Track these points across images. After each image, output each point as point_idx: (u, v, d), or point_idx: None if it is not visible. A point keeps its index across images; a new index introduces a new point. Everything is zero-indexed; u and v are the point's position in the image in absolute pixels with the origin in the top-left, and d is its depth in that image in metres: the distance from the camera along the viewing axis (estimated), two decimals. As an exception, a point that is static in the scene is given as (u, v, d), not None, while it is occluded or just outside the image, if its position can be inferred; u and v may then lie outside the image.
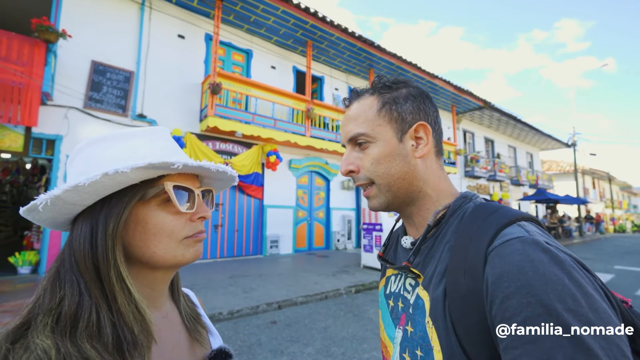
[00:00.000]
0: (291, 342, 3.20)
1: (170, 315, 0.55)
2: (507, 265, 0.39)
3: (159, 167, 0.44)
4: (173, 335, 0.53)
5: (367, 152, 0.57)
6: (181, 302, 0.59)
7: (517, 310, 0.36)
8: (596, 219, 22.60)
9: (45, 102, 5.30)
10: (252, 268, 6.41)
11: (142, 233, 0.46)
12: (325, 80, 9.92)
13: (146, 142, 0.49)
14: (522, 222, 0.45)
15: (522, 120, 15.58)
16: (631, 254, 11.11)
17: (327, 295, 4.80)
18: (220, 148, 7.42)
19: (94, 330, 0.39)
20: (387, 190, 0.56)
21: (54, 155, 5.47)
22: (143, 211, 0.46)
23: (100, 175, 0.41)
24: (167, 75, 6.86)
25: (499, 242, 0.42)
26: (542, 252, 0.39)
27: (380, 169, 0.55)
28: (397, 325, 0.57)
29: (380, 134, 0.56)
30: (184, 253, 0.49)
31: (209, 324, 0.63)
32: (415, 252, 0.54)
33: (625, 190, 37.30)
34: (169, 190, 0.46)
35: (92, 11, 6.06)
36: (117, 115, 6.15)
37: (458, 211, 0.54)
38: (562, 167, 26.09)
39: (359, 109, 0.58)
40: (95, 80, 5.94)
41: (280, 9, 7.29)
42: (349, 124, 0.59)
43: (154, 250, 0.47)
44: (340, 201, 9.89)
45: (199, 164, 0.48)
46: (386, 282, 0.67)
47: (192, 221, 0.50)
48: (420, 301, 0.51)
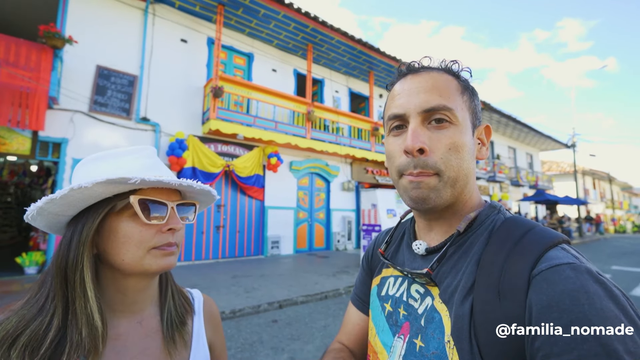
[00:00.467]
0: (292, 340, 3.31)
1: (149, 321, 0.57)
2: (557, 294, 0.35)
3: (117, 182, 0.47)
4: (143, 342, 0.54)
5: (446, 133, 0.48)
6: (167, 307, 0.59)
7: (570, 347, 0.33)
8: (596, 219, 22.64)
9: (51, 106, 5.43)
10: (254, 268, 6.52)
11: (113, 241, 0.50)
12: (325, 83, 10.04)
13: (131, 160, 0.54)
14: (564, 245, 0.42)
15: (522, 121, 15.66)
16: (629, 255, 11.18)
17: (327, 295, 4.91)
18: (222, 150, 7.54)
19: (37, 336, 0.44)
20: (451, 185, 0.48)
21: (60, 158, 5.59)
22: (115, 221, 0.51)
23: (68, 189, 0.46)
24: (170, 79, 6.99)
25: (545, 265, 0.38)
26: (597, 283, 0.36)
27: (455, 159, 0.48)
28: (395, 332, 0.53)
29: (463, 118, 0.49)
30: (151, 263, 0.51)
31: (197, 337, 0.62)
32: (440, 259, 0.48)
33: (626, 190, 37.29)
34: (133, 203, 0.50)
35: (97, 17, 6.19)
36: (121, 118, 6.28)
37: (487, 221, 0.50)
38: (562, 167, 26.13)
39: (442, 81, 0.50)
40: (100, 84, 6.07)
41: (281, 14, 7.41)
42: (431, 93, 0.48)
43: (122, 257, 0.50)
44: (340, 202, 10.00)
45: (158, 179, 0.50)
46: (381, 282, 0.62)
47: (162, 232, 0.52)
48: (436, 315, 0.47)
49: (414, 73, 0.52)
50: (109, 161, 0.53)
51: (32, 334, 0.44)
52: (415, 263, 0.55)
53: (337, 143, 9.00)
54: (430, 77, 0.50)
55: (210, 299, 0.72)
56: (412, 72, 0.53)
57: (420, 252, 0.54)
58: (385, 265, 0.63)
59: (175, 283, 0.66)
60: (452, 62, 0.53)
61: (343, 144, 9.16)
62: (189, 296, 0.68)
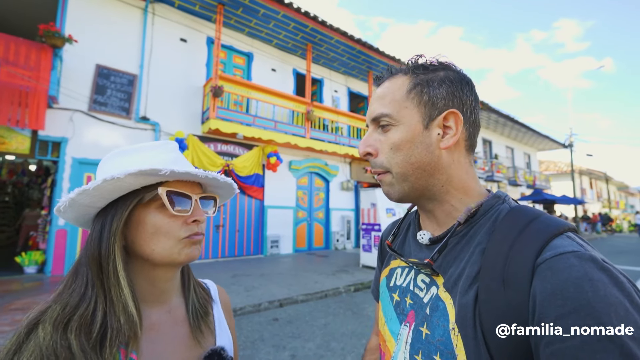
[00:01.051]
0: (292, 338, 3.34)
1: (176, 310, 0.59)
2: (561, 281, 0.36)
3: (148, 173, 0.49)
4: (173, 330, 0.57)
5: (388, 135, 0.53)
6: (190, 298, 0.62)
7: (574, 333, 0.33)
8: (593, 219, 22.78)
9: (51, 106, 5.42)
10: (254, 267, 6.54)
11: (142, 232, 0.52)
12: (324, 83, 10.06)
13: (156, 154, 0.56)
14: (570, 234, 0.42)
15: (519, 121, 15.74)
16: (626, 254, 11.28)
17: (327, 294, 4.93)
18: (222, 150, 7.55)
19: (87, 321, 0.46)
20: (402, 180, 0.52)
21: (60, 157, 5.59)
22: (143, 213, 0.53)
23: (101, 180, 0.48)
24: (169, 78, 6.99)
25: (550, 254, 0.39)
26: (601, 270, 0.36)
27: (398, 156, 0.51)
28: (402, 321, 0.55)
29: (404, 117, 0.52)
30: (180, 252, 0.53)
31: (219, 323, 0.65)
32: (441, 250, 0.49)
33: (623, 190, 37.52)
34: (161, 195, 0.52)
35: (97, 16, 6.18)
36: (121, 117, 6.28)
37: (490, 211, 0.50)
38: (560, 167, 26.28)
39: (388, 88, 0.54)
40: (99, 83, 6.06)
41: (281, 13, 7.43)
42: (375, 103, 0.55)
43: (152, 247, 0.52)
44: (339, 202, 10.03)
45: (186, 170, 0.52)
46: (390, 273, 0.64)
47: (187, 224, 0.54)
48: (440, 303, 0.48)
49: (378, 84, 0.58)
50: (133, 155, 0.55)
51: (81, 319, 0.46)
52: (421, 253, 0.56)
53: (337, 143, 9.03)
54: (383, 86, 0.56)
55: (222, 288, 0.75)
56: (376, 84, 0.60)
57: (424, 241, 0.55)
58: (393, 257, 0.64)
59: (194, 276, 0.68)
60: (416, 57, 0.56)
61: (342, 143, 9.19)
62: (205, 286, 0.70)
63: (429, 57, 0.55)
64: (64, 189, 5.51)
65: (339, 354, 2.99)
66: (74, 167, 5.66)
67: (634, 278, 6.72)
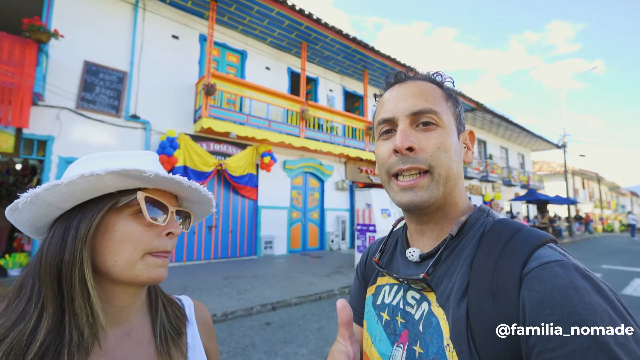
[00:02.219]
0: (285, 343, 3.23)
1: (138, 331, 0.53)
2: (548, 290, 0.37)
3: (132, 175, 0.46)
4: (133, 354, 0.50)
5: (433, 134, 0.50)
6: (159, 318, 0.56)
7: (563, 341, 0.34)
8: (585, 218, 23.03)
9: (36, 103, 5.24)
10: (247, 269, 6.42)
11: (108, 240, 0.47)
12: (319, 82, 9.96)
13: (139, 161, 0.52)
14: (551, 244, 0.43)
15: (514, 122, 15.81)
16: (618, 253, 11.36)
17: (321, 296, 4.84)
18: (215, 149, 7.41)
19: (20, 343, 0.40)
20: (443, 183, 0.50)
21: (46, 156, 5.41)
22: (114, 218, 0.48)
23: (78, 176, 0.43)
24: (161, 76, 6.83)
25: (535, 263, 0.39)
26: (584, 279, 0.37)
27: (444, 158, 0.50)
28: (394, 342, 0.53)
29: (448, 122, 0.52)
30: (142, 270, 0.48)
31: (193, 346, 0.58)
32: (435, 264, 0.49)
33: (614, 190, 38.06)
34: (139, 200, 0.48)
35: (85, 11, 6.01)
36: (110, 115, 6.11)
37: (477, 224, 0.51)
38: (553, 167, 26.54)
39: (428, 88, 0.53)
40: (88, 80, 5.89)
41: (275, 11, 7.32)
42: (418, 98, 0.51)
43: (115, 259, 0.47)
44: (334, 202, 9.94)
45: (172, 176, 0.49)
46: (377, 291, 0.62)
47: (160, 236, 0.50)
48: (433, 319, 0.47)
49: (401, 82, 0.56)
50: (112, 160, 0.50)
51: (12, 342, 0.40)
52: (409, 270, 0.55)
53: (331, 142, 8.94)
54: (416, 84, 0.54)
55: (200, 304, 0.67)
56: (400, 81, 0.56)
57: (414, 259, 0.54)
58: (381, 274, 0.63)
59: (163, 293, 0.62)
60: (436, 73, 0.56)
61: (337, 143, 9.10)
62: (179, 304, 0.63)
63: (435, 71, 0.57)
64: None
65: (332, 360, 2.89)
66: (61, 167, 5.48)
67: (628, 278, 6.74)
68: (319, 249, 9.53)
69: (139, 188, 0.49)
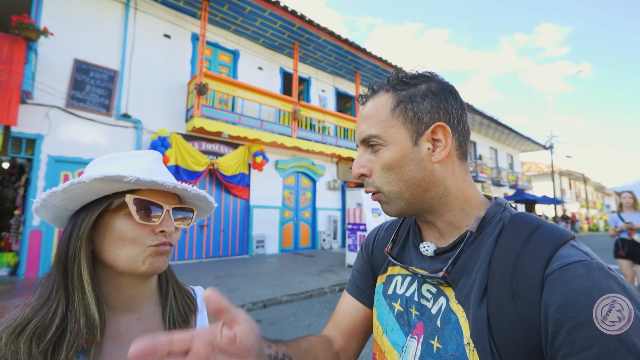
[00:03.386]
0: (275, 340, 3.29)
1: (148, 318, 0.58)
2: (571, 292, 0.36)
3: (114, 179, 0.49)
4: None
5: (379, 155, 0.52)
6: (168, 306, 0.60)
7: (589, 344, 0.33)
8: (572, 218, 23.58)
9: (25, 101, 5.20)
10: (238, 268, 6.45)
11: (108, 238, 0.52)
12: (311, 82, 10.03)
13: (136, 162, 0.56)
14: (573, 242, 0.42)
15: (503, 123, 16.11)
16: (603, 252, 11.69)
17: (312, 294, 4.91)
18: (207, 149, 7.42)
19: (44, 324, 0.46)
20: (397, 198, 0.51)
21: (35, 155, 5.36)
22: (112, 219, 0.53)
23: (69, 183, 0.49)
24: (152, 74, 6.81)
25: (557, 264, 0.39)
26: (610, 279, 0.36)
27: (389, 176, 0.51)
28: (408, 333, 0.52)
29: (392, 136, 0.51)
30: (143, 262, 0.52)
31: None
32: (455, 261, 0.48)
33: (599, 190, 39.00)
34: (127, 202, 0.51)
35: (75, 10, 5.96)
36: (101, 114, 6.08)
37: (494, 219, 0.49)
38: (541, 168, 27.08)
39: (373, 107, 0.54)
40: (78, 79, 5.85)
41: (268, 11, 7.36)
42: (362, 123, 0.54)
43: (117, 254, 0.52)
44: (326, 201, 10.02)
45: (152, 179, 0.51)
46: (388, 280, 0.62)
47: (154, 233, 0.54)
48: (452, 316, 0.47)
49: (363, 102, 0.58)
50: (115, 162, 0.56)
51: (38, 322, 0.47)
52: (424, 263, 0.54)
53: (323, 142, 9.01)
54: (367, 106, 0.55)
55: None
56: (361, 103, 0.58)
57: (428, 253, 0.54)
58: (392, 264, 0.63)
59: (177, 282, 0.66)
60: (395, 72, 0.55)
61: (329, 143, 9.18)
62: (192, 293, 0.68)
63: (411, 69, 0.55)
64: (39, 188, 5.30)
65: (321, 355, 2.97)
66: (50, 165, 5.44)
67: (609, 275, 6.98)
68: (311, 248, 9.60)
69: (132, 190, 0.53)
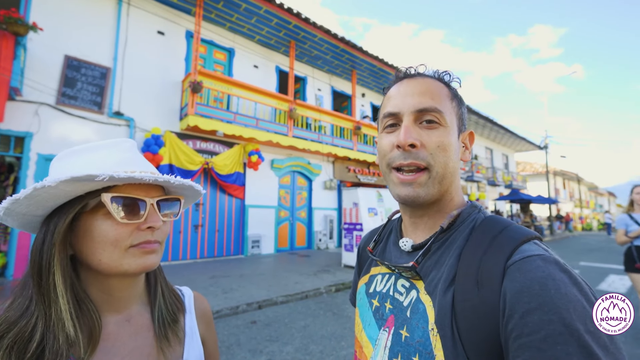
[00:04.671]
0: (270, 342, 3.23)
1: (137, 318, 0.55)
2: (528, 280, 0.39)
3: (84, 180, 0.44)
4: (133, 340, 0.53)
5: (434, 133, 0.52)
6: (157, 305, 0.58)
7: (538, 327, 0.36)
8: (566, 218, 23.78)
9: (13, 98, 5.07)
10: (233, 268, 6.37)
11: (89, 241, 0.48)
12: (308, 81, 9.96)
13: (106, 155, 0.51)
14: (536, 241, 0.46)
15: (498, 123, 16.19)
16: (596, 251, 11.80)
17: (308, 295, 4.85)
18: (201, 147, 7.32)
19: (23, 338, 0.43)
20: (439, 182, 0.52)
21: (24, 153, 5.23)
22: (89, 220, 0.48)
23: (32, 189, 0.44)
24: (145, 72, 6.70)
25: (518, 257, 0.42)
26: (563, 272, 0.39)
27: (442, 157, 0.52)
28: (381, 326, 0.56)
29: (452, 121, 0.54)
30: (130, 263, 0.49)
31: (191, 334, 0.60)
32: (425, 253, 0.51)
33: (593, 190, 39.45)
34: (105, 202, 0.47)
35: (66, 5, 5.83)
36: (93, 112, 5.96)
37: (468, 219, 0.53)
38: (536, 168, 27.30)
39: (435, 87, 0.54)
40: (68, 75, 5.72)
41: (263, 9, 7.27)
42: (419, 95, 0.53)
43: (99, 258, 0.48)
44: (322, 201, 9.96)
45: (128, 175, 0.46)
46: (370, 280, 0.64)
47: (140, 230, 0.50)
48: (421, 305, 0.49)
49: (409, 78, 0.57)
50: (83, 156, 0.51)
51: (16, 336, 0.42)
52: (401, 259, 0.57)
53: (320, 141, 8.95)
54: (424, 82, 0.55)
55: (200, 295, 0.69)
56: (408, 77, 0.57)
57: (406, 248, 0.57)
58: (374, 264, 0.65)
59: (166, 281, 0.63)
60: (444, 72, 0.58)
61: (325, 142, 9.12)
62: (179, 294, 0.66)
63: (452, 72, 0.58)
64: (28, 187, 5.16)
65: (317, 357, 2.91)
66: (40, 164, 5.32)
67: (603, 274, 7.01)
68: (307, 248, 9.54)
69: (108, 187, 0.48)
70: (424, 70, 0.58)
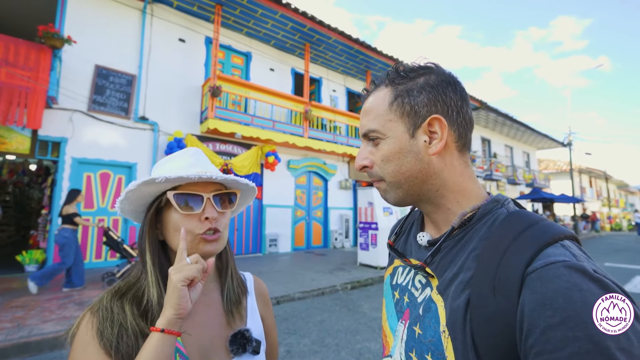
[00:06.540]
0: (288, 334, 3.39)
1: (210, 294, 0.67)
2: (550, 291, 0.35)
3: (148, 182, 0.58)
4: (206, 311, 0.65)
5: (379, 148, 0.54)
6: (226, 285, 0.69)
7: (562, 344, 0.33)
8: (591, 217, 22.81)
9: (50, 106, 5.48)
10: (252, 266, 6.60)
11: (168, 230, 0.61)
12: (322, 82, 10.10)
13: (178, 161, 0.64)
14: (565, 242, 0.41)
15: (518, 120, 15.77)
16: (622, 252, 11.33)
17: (324, 291, 4.99)
18: (220, 149, 7.60)
19: (138, 294, 0.59)
20: (396, 188, 0.54)
21: (60, 157, 5.64)
22: (166, 213, 0.61)
23: (125, 192, 0.59)
24: (168, 78, 7.04)
25: (540, 263, 0.38)
26: (592, 281, 0.35)
27: (389, 167, 0.53)
28: (399, 318, 0.57)
29: (391, 129, 0.53)
30: (196, 248, 0.60)
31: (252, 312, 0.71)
32: (434, 254, 0.50)
33: (622, 189, 37.54)
34: (169, 198, 0.59)
35: (96, 17, 6.24)
36: (120, 117, 6.33)
37: (487, 216, 0.50)
38: (559, 166, 26.29)
39: (373, 102, 0.56)
40: (98, 83, 6.12)
41: (279, 13, 7.47)
42: (363, 118, 0.57)
43: (176, 242, 0.60)
44: (338, 200, 10.08)
45: (177, 175, 0.57)
46: (393, 271, 0.66)
47: (201, 221, 0.60)
48: (432, 305, 0.49)
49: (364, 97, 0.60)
50: (166, 164, 0.65)
51: (134, 294, 0.59)
52: (420, 253, 0.57)
53: (335, 142, 9.08)
54: (367, 101, 0.57)
55: (259, 279, 0.82)
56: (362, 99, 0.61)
57: (423, 243, 0.57)
58: (395, 256, 0.66)
59: (235, 268, 0.74)
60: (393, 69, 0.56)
61: (340, 142, 9.24)
62: (242, 277, 0.77)
63: (412, 62, 0.56)
64: (64, 189, 5.57)
65: (333, 349, 3.05)
66: (74, 167, 5.72)
67: (630, 275, 6.77)
68: (323, 246, 9.68)
69: (175, 187, 0.60)
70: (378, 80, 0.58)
